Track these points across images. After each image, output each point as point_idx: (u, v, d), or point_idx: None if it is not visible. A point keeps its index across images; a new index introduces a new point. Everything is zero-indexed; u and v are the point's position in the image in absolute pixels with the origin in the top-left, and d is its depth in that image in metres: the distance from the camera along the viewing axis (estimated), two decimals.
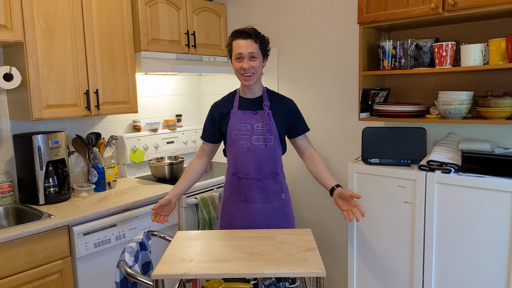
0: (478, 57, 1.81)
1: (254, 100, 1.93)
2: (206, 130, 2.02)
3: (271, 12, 2.86)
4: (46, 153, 2.17)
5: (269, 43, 1.89)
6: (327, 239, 2.74)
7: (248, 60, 1.80)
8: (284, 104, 1.94)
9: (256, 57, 1.81)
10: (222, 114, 1.95)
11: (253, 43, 1.80)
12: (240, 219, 1.95)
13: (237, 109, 1.92)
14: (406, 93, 2.27)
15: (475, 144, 1.94)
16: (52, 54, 2.14)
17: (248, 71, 1.81)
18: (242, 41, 1.79)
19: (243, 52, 1.79)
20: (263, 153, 1.89)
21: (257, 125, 1.88)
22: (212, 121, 1.99)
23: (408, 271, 2.00)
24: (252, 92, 1.93)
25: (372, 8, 2.03)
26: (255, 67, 1.81)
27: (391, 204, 2.01)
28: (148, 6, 2.57)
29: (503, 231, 1.71)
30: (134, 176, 2.86)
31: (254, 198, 1.92)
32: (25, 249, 1.83)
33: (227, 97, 2.00)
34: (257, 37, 1.81)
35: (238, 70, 1.83)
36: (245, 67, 1.79)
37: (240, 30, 1.82)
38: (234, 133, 1.90)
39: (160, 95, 3.10)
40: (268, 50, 1.89)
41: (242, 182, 1.93)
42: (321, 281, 1.34)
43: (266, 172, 1.91)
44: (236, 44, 1.81)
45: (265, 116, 1.88)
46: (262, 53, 1.85)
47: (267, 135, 1.87)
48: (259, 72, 1.85)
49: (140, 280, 1.34)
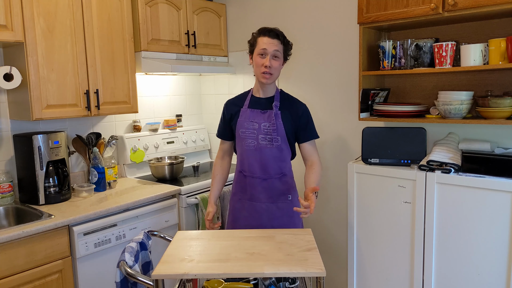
0: (478, 57, 1.81)
1: (265, 100, 1.94)
2: (220, 128, 2.07)
3: (271, 12, 2.86)
4: (46, 153, 2.18)
5: (291, 48, 1.92)
6: (327, 239, 2.74)
7: (271, 58, 1.82)
8: (295, 107, 1.93)
9: (279, 57, 1.84)
10: (233, 111, 1.99)
11: (279, 44, 1.83)
12: (245, 217, 1.97)
13: (246, 107, 1.95)
14: (406, 93, 2.28)
15: (475, 144, 1.94)
16: (52, 54, 2.14)
17: (269, 69, 1.82)
18: (270, 39, 1.82)
19: (268, 49, 1.81)
20: (269, 152, 1.90)
21: (264, 124, 1.89)
22: (224, 119, 2.03)
23: (408, 271, 2.00)
24: (265, 92, 1.94)
25: (372, 8, 2.03)
26: (275, 67, 1.84)
27: (391, 204, 2.01)
28: (148, 6, 2.57)
29: (503, 231, 1.71)
30: (134, 176, 2.86)
31: (258, 196, 1.93)
32: (25, 249, 1.83)
33: (240, 95, 2.03)
34: (284, 39, 1.85)
35: (259, 66, 1.85)
36: (267, 64, 1.81)
37: (269, 28, 1.85)
38: (241, 131, 1.92)
39: (160, 95, 3.10)
40: (289, 55, 1.92)
41: (248, 180, 1.95)
42: (321, 281, 1.34)
43: (272, 172, 1.92)
44: (262, 40, 1.83)
45: (272, 116, 1.89)
46: (284, 56, 1.88)
47: (274, 135, 1.88)
48: (278, 73, 1.87)
49: (140, 280, 1.34)
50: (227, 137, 2.06)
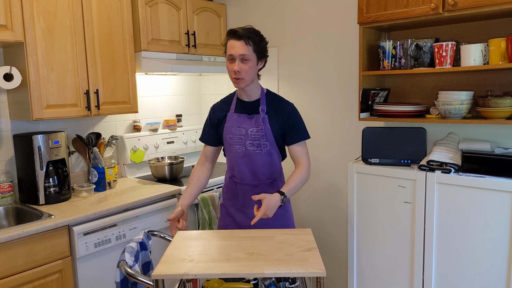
0: (478, 57, 1.81)
1: (251, 104, 1.85)
2: (204, 132, 1.96)
3: (271, 12, 2.86)
4: (46, 153, 2.17)
5: (266, 44, 1.78)
6: (327, 239, 2.74)
7: (240, 62, 1.70)
8: (282, 108, 1.84)
9: (249, 59, 1.71)
10: (219, 116, 1.90)
11: (245, 45, 1.69)
12: (237, 223, 1.92)
13: (233, 112, 1.86)
14: (406, 93, 2.28)
15: (475, 144, 1.94)
16: (52, 54, 2.14)
17: (237, 74, 1.72)
18: (235, 42, 1.70)
19: (234, 54, 1.70)
20: (259, 158, 1.83)
21: (251, 129, 1.81)
22: (210, 124, 1.94)
23: (408, 271, 2.00)
24: (248, 95, 1.84)
25: (372, 8, 2.03)
26: (246, 71, 1.71)
27: (391, 204, 2.01)
28: (148, 6, 2.57)
29: (503, 231, 1.71)
30: (134, 176, 2.86)
31: (250, 203, 1.87)
32: (25, 249, 1.83)
33: (226, 99, 1.95)
34: (250, 39, 1.70)
35: (229, 72, 1.76)
36: (235, 69, 1.71)
37: (234, 30, 1.71)
38: (229, 137, 1.85)
39: (160, 95, 3.10)
40: (266, 51, 1.79)
41: (238, 187, 1.90)
42: (321, 281, 1.34)
43: (262, 178, 1.87)
44: (229, 44, 1.72)
45: (259, 121, 1.80)
46: (257, 55, 1.74)
47: (262, 141, 1.80)
48: (250, 75, 1.74)
49: (140, 280, 1.34)
50: (211, 142, 1.94)
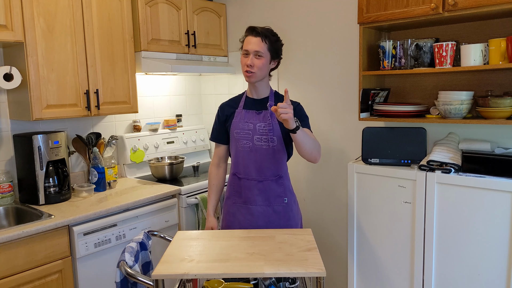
0: (478, 57, 1.81)
1: (260, 101, 1.94)
2: (214, 131, 2.04)
3: (271, 12, 2.86)
4: (46, 153, 2.17)
5: (281, 45, 1.90)
6: (327, 239, 2.74)
7: (253, 57, 1.83)
8: None
9: (262, 56, 1.83)
10: (228, 113, 1.98)
11: (261, 42, 1.82)
12: (239, 221, 1.93)
13: (241, 109, 1.94)
14: (406, 93, 2.28)
15: (475, 144, 1.94)
16: (52, 54, 2.14)
17: (250, 68, 1.83)
18: (252, 38, 1.83)
19: (249, 49, 1.82)
20: (265, 153, 1.88)
21: (259, 124, 1.88)
22: (219, 121, 2.01)
23: (408, 271, 2.00)
24: (258, 93, 1.94)
25: (372, 8, 2.03)
26: (258, 66, 1.83)
27: (391, 204, 2.01)
28: (148, 6, 2.57)
29: (503, 231, 1.71)
30: (134, 176, 2.86)
31: (254, 199, 1.89)
32: (25, 249, 1.83)
33: (235, 97, 2.03)
34: (266, 37, 1.83)
35: (242, 65, 1.87)
36: (248, 63, 1.83)
37: (253, 27, 1.85)
38: (236, 131, 1.91)
39: (160, 95, 3.10)
40: (280, 52, 1.90)
41: (242, 182, 1.92)
42: (321, 281, 1.34)
43: (268, 174, 1.89)
44: (247, 40, 1.85)
45: (267, 116, 1.88)
46: (271, 54, 1.86)
47: (270, 135, 1.87)
48: (262, 71, 1.85)
49: (140, 280, 1.34)
50: (223, 140, 2.01)
